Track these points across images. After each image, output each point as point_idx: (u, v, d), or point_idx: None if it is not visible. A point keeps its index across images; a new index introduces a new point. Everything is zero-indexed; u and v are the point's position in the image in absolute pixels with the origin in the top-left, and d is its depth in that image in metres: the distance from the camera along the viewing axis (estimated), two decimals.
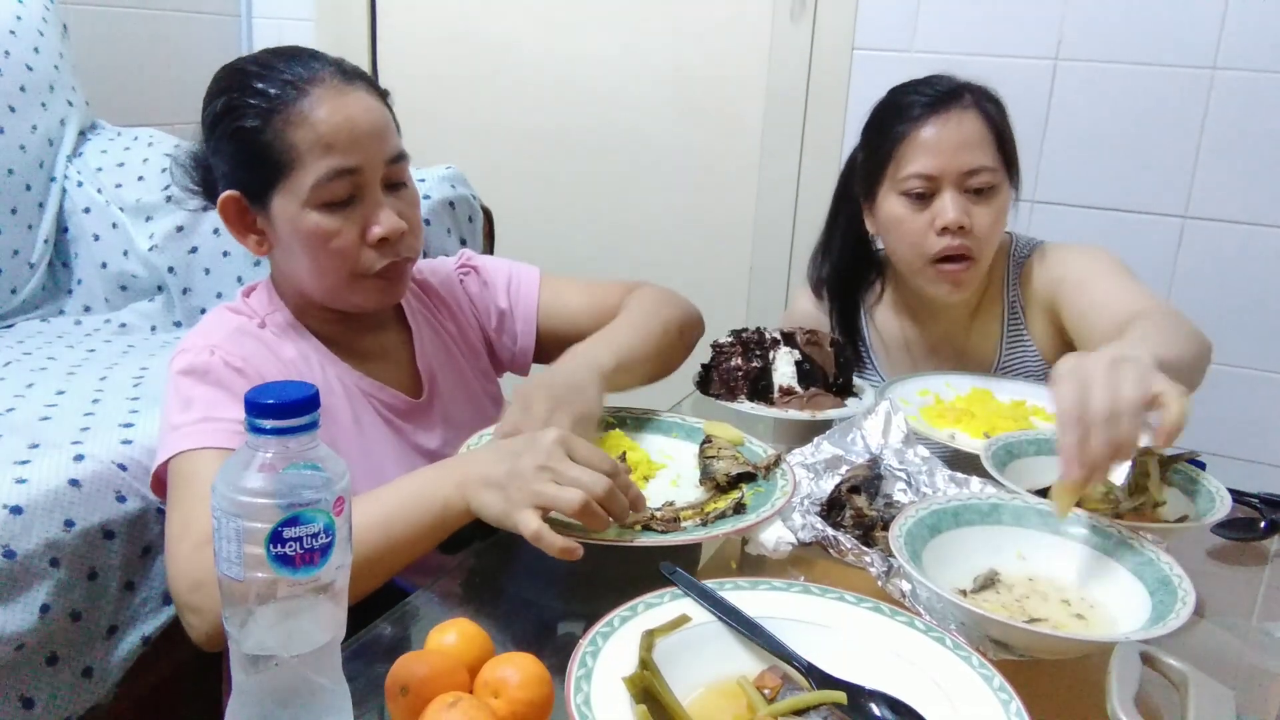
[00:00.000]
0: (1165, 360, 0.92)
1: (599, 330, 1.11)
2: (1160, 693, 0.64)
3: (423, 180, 1.83)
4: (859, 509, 0.89)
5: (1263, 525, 0.96)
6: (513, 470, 0.79)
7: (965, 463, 1.00)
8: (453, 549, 0.89)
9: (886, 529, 0.81)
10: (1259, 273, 1.88)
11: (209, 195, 1.05)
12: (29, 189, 1.85)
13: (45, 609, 1.06)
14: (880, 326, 1.46)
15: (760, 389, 1.18)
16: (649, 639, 0.63)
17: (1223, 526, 0.92)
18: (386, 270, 1.01)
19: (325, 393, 1.01)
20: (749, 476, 0.94)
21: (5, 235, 1.80)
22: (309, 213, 0.96)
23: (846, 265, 1.44)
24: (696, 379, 1.23)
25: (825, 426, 1.07)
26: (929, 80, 1.31)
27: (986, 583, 0.80)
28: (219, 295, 1.86)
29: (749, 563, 0.88)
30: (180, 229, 1.86)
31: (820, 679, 0.63)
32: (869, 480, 0.94)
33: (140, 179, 1.91)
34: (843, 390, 1.22)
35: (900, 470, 0.98)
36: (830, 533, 0.86)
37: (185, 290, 1.87)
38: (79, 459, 1.17)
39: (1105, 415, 0.79)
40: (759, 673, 0.65)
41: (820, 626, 0.69)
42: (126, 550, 1.16)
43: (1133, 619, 0.74)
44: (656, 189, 2.40)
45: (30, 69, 1.87)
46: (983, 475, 0.95)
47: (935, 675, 0.64)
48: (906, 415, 1.05)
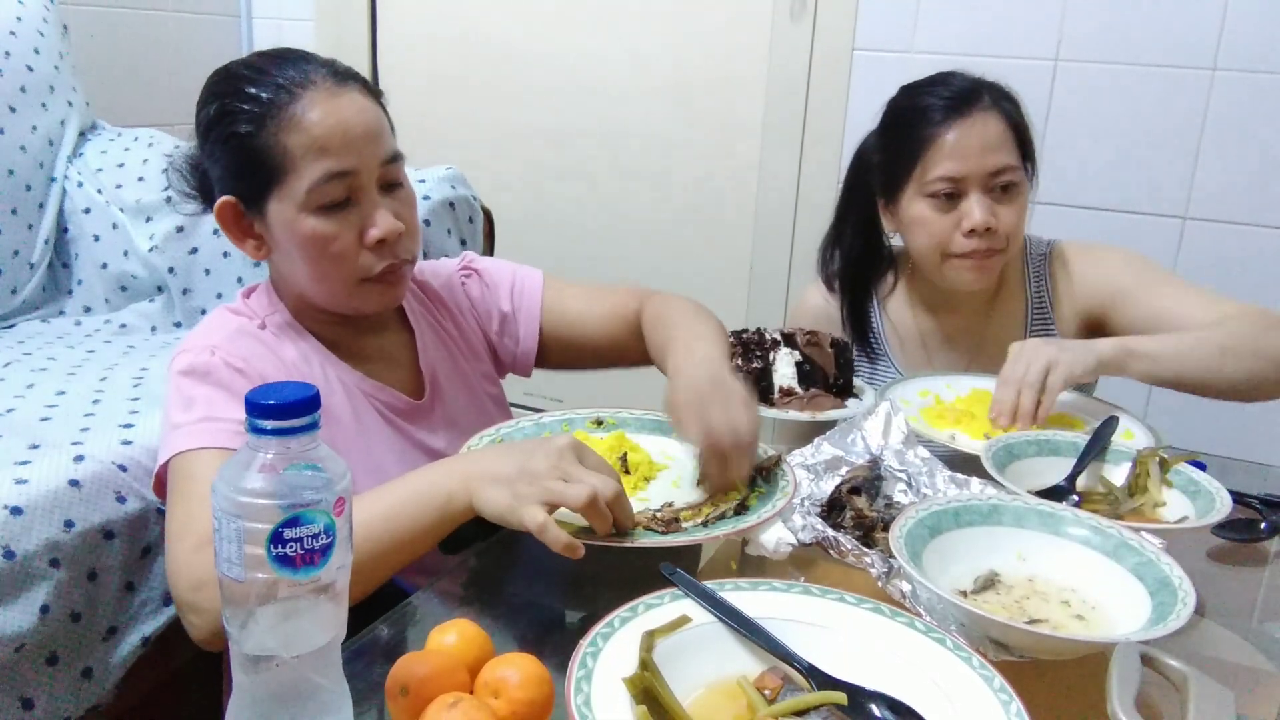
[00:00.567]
0: (1160, 355, 1.14)
1: (677, 337, 1.05)
2: (1160, 693, 0.64)
3: (422, 181, 1.83)
4: (859, 510, 0.89)
5: (1263, 526, 0.96)
6: (523, 468, 0.79)
7: (965, 463, 1.00)
8: (453, 549, 0.89)
9: (887, 530, 0.81)
10: (1259, 273, 1.88)
11: (206, 200, 1.04)
12: (29, 189, 1.85)
13: (45, 609, 1.06)
14: (894, 319, 1.46)
15: (760, 390, 1.18)
16: (649, 639, 0.63)
17: (1223, 528, 0.92)
18: (385, 273, 1.00)
19: (326, 393, 1.01)
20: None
21: (5, 235, 1.80)
22: (305, 217, 0.96)
23: (859, 257, 1.45)
24: None
25: (826, 427, 1.07)
26: (944, 80, 1.31)
27: (986, 584, 0.80)
28: (219, 296, 1.86)
29: (749, 563, 0.88)
30: (180, 229, 1.86)
31: (820, 680, 0.63)
32: (869, 481, 0.94)
33: (140, 179, 1.91)
34: (843, 391, 1.21)
35: (900, 471, 0.98)
36: (830, 534, 0.86)
37: (185, 291, 1.87)
38: (79, 459, 1.17)
39: (1027, 380, 1.11)
40: (759, 673, 0.65)
41: (820, 627, 0.69)
42: (126, 551, 1.16)
43: (1133, 620, 0.73)
44: (656, 189, 2.40)
45: (30, 69, 1.88)
46: (983, 476, 0.95)
47: (935, 676, 0.64)
48: (907, 416, 1.05)
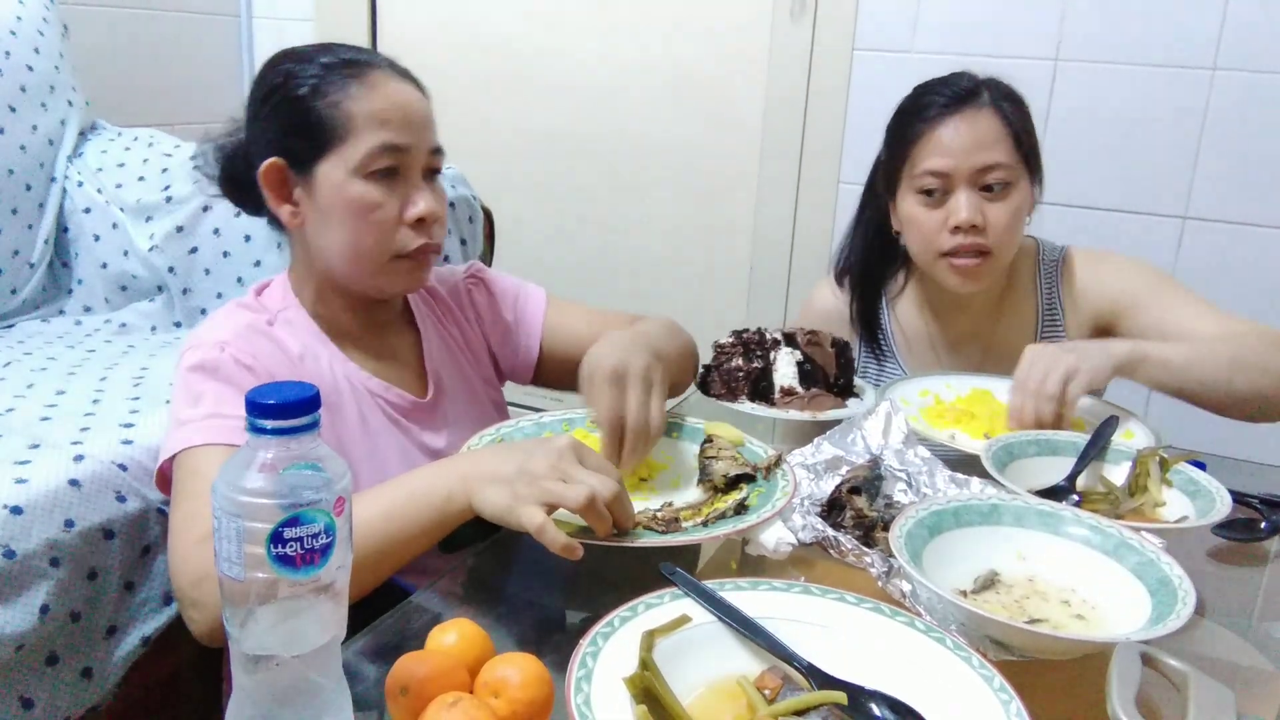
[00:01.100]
0: (1172, 362, 1.14)
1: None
2: (1160, 693, 0.64)
3: None
4: (859, 509, 0.89)
5: (1263, 526, 0.96)
6: (522, 468, 0.79)
7: (965, 463, 1.00)
8: (453, 549, 0.89)
9: (887, 529, 0.81)
10: (1259, 273, 1.88)
11: (235, 184, 1.08)
12: (29, 189, 1.85)
13: (45, 609, 1.06)
14: (902, 319, 1.47)
15: (761, 389, 1.18)
16: (649, 639, 0.63)
17: (1223, 527, 0.92)
18: (417, 253, 1.03)
19: (332, 390, 1.02)
20: (747, 477, 0.94)
21: (5, 235, 1.80)
22: (356, 181, 0.99)
23: (868, 256, 1.46)
24: (697, 379, 1.23)
25: (826, 427, 1.07)
26: (949, 79, 1.32)
27: (987, 583, 0.80)
28: (219, 295, 1.86)
29: (749, 563, 0.88)
30: (180, 229, 1.86)
31: (820, 679, 0.63)
32: (869, 481, 0.94)
33: (140, 179, 1.91)
34: (843, 391, 1.21)
35: (900, 471, 0.98)
36: (830, 533, 0.86)
37: (185, 290, 1.87)
38: (79, 459, 1.17)
39: (1046, 391, 1.08)
40: (759, 673, 0.65)
41: (820, 627, 0.69)
42: (126, 550, 1.16)
43: (1133, 619, 0.73)
44: (656, 189, 2.40)
45: (30, 69, 1.87)
46: (983, 476, 0.96)
47: (935, 676, 0.64)
48: (907, 416, 1.06)
